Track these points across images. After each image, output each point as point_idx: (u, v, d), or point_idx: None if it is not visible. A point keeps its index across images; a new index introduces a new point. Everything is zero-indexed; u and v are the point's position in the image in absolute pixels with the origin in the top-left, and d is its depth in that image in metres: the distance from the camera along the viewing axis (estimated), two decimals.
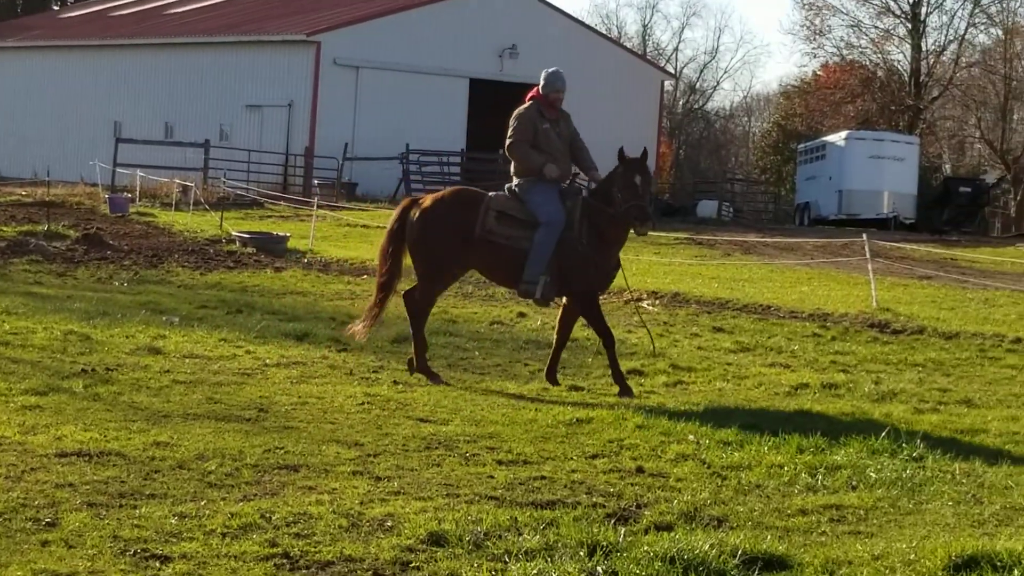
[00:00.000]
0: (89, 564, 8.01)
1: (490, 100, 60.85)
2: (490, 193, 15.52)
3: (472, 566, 8.21)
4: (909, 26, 78.48)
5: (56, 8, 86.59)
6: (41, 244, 29.39)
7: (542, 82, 15.29)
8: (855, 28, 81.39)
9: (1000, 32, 78.72)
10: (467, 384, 15.11)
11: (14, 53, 70.14)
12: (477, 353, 17.35)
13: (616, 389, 14.79)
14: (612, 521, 9.39)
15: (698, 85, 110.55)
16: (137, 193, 45.79)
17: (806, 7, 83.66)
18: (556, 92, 15.31)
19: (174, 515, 9.09)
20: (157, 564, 8.08)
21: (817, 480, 10.89)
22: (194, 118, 58.35)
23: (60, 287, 22.79)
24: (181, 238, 33.96)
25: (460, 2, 61.88)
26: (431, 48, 58.76)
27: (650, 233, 16.75)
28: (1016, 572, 8.21)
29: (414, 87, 58.20)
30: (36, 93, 66.29)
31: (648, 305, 23.31)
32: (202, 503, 9.44)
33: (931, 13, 79.09)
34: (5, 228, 33.02)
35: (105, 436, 11.35)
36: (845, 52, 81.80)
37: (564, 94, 15.44)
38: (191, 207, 41.58)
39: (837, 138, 61.76)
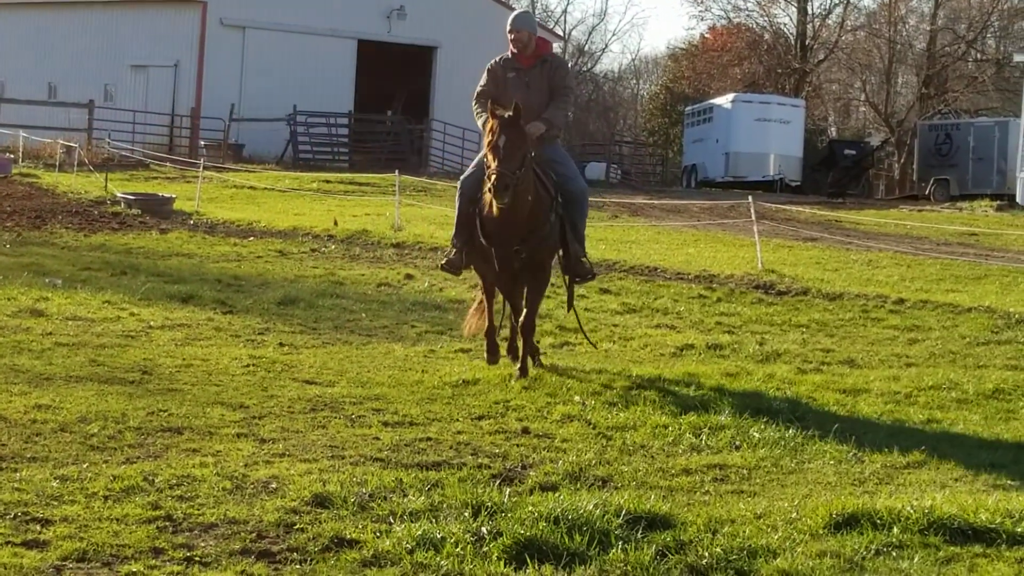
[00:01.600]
0: None
1: (378, 61, 60.72)
2: None
3: (357, 527, 8.20)
4: None
5: None
6: None
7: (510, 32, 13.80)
8: None
9: None
10: (353, 346, 15.08)
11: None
12: (364, 315, 17.32)
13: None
14: (497, 482, 9.42)
15: (587, 48, 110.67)
16: (20, 154, 45.18)
17: None
18: (512, 33, 13.68)
19: (55, 478, 9.02)
20: (38, 527, 8.01)
21: (701, 440, 10.98)
22: (78, 78, 57.63)
23: None
24: (65, 199, 33.58)
25: None
26: (319, 9, 58.37)
27: None
28: (895, 529, 8.33)
29: (301, 48, 57.84)
30: (34, 45, 65.19)
31: None
32: (84, 466, 9.37)
33: None
34: None
35: None
36: (732, 15, 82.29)
37: (524, 35, 13.59)
38: (75, 168, 41.06)
39: (724, 101, 62.13)
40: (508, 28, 13.72)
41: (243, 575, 7.45)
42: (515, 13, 14.00)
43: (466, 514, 8.38)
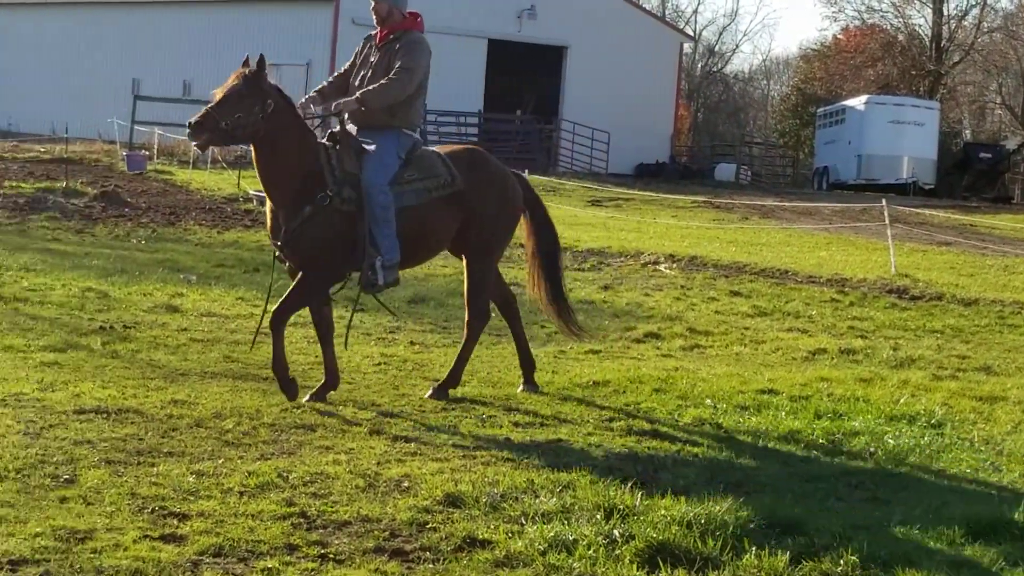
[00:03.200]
0: (107, 521, 8.04)
1: (508, 61, 60.87)
2: None
3: (489, 528, 8.22)
4: None
5: None
6: (59, 201, 29.44)
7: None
8: None
9: None
10: (484, 345, 15.10)
11: (32, 9, 70.13)
12: (494, 315, 17.31)
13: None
14: (629, 484, 9.38)
15: (717, 48, 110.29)
16: (155, 151, 45.79)
17: None
18: (374, 16, 12.35)
19: (192, 473, 9.12)
20: (175, 522, 8.10)
21: (835, 446, 10.89)
22: (212, 76, 57.66)
23: (78, 244, 22.84)
24: (198, 196, 33.97)
25: None
26: (450, 9, 58.51)
27: (668, 196, 16.21)
28: None
29: (432, 47, 57.82)
30: (55, 49, 66.22)
31: (665, 268, 23.29)
32: (220, 461, 9.47)
33: None
34: (23, 185, 33.01)
35: (123, 394, 11.38)
36: (866, 16, 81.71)
37: (382, 7, 12.22)
38: (209, 165, 41.58)
39: (857, 102, 61.66)
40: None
41: (376, 573, 7.49)
42: None
43: (598, 516, 8.37)
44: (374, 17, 12.30)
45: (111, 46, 63.52)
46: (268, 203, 12.00)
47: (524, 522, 8.34)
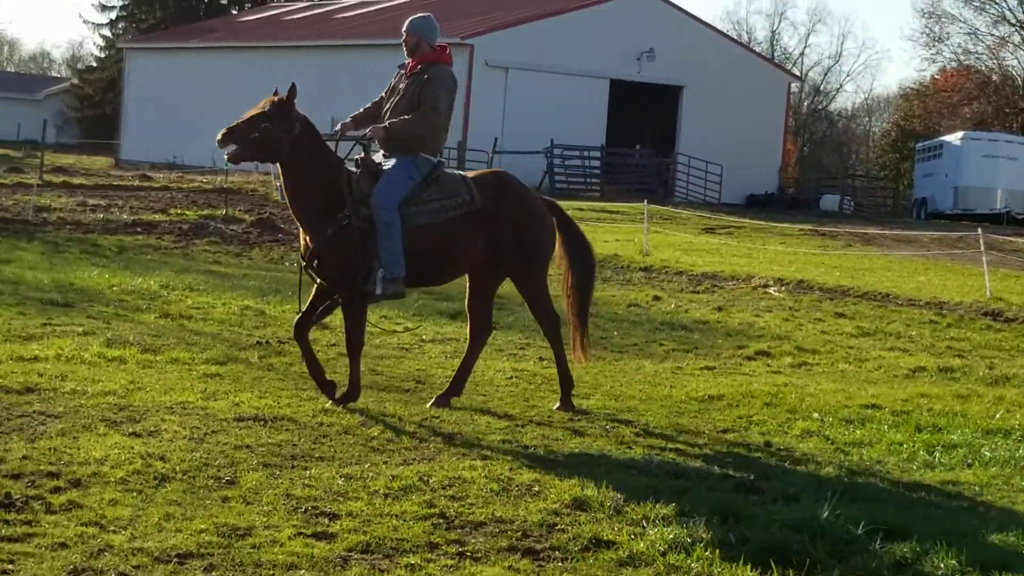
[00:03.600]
0: (265, 519, 8.12)
1: (628, 99, 60.88)
2: None
3: (613, 529, 8.21)
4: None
5: (234, 13, 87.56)
6: (220, 227, 29.79)
7: None
8: (972, 35, 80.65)
9: None
10: (607, 361, 15.09)
11: (197, 53, 71.14)
12: (616, 333, 17.32)
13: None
14: (742, 491, 9.35)
15: (822, 87, 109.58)
16: None
17: (926, 15, 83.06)
18: (404, 39, 12.35)
19: (341, 476, 9.18)
20: (326, 521, 8.17)
21: (934, 457, 10.76)
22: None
23: (237, 266, 23.10)
24: None
25: (601, 9, 61.74)
26: (575, 51, 58.71)
27: (777, 224, 16.08)
28: None
29: (558, 87, 58.20)
30: (216, 90, 66.98)
31: (774, 291, 23.14)
32: (366, 466, 9.52)
33: None
34: (188, 212, 33.43)
35: (278, 403, 11.49)
36: (962, 57, 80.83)
37: (412, 39, 12.24)
38: None
39: (954, 138, 60.97)
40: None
41: (510, 570, 7.51)
42: (410, 18, 12.40)
43: (714, 520, 8.33)
44: (404, 49, 12.29)
45: (265, 87, 63.83)
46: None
47: (645, 525, 8.33)
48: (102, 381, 11.96)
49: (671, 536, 8.00)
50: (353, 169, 11.94)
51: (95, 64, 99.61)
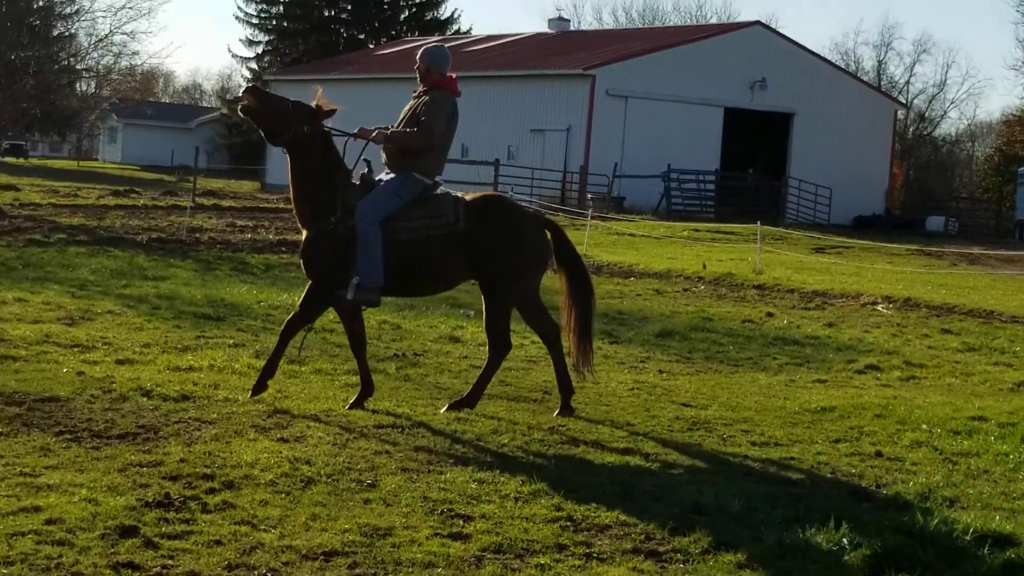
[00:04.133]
0: (404, 520, 8.16)
1: (742, 126, 60.60)
2: None
3: (732, 533, 8.15)
4: None
5: (370, 47, 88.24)
6: None
7: None
8: None
9: None
10: (723, 374, 14.99)
11: (336, 84, 71.63)
12: (731, 347, 17.19)
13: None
14: (855, 498, 9.25)
15: (927, 114, 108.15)
16: None
17: None
18: (417, 67, 12.42)
19: (474, 480, 9.21)
20: (461, 522, 8.19)
21: None
22: (486, 140, 58.91)
23: None
24: None
25: (716, 41, 61.61)
26: (691, 82, 58.56)
27: (884, 244, 15.87)
28: None
29: (675, 115, 58.07)
30: (353, 117, 67.31)
31: (882, 308, 22.85)
32: (497, 471, 9.54)
33: None
34: None
35: (415, 411, 11.55)
36: None
37: (422, 67, 12.27)
38: None
39: None
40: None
41: (635, 571, 7.48)
42: (424, 47, 12.50)
43: (828, 525, 8.23)
44: (417, 75, 12.37)
45: (400, 114, 64.52)
46: None
47: (763, 529, 8.26)
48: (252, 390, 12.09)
49: (787, 541, 7.93)
50: (355, 182, 12.08)
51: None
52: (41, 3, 44.16)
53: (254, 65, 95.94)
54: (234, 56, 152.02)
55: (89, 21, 44.15)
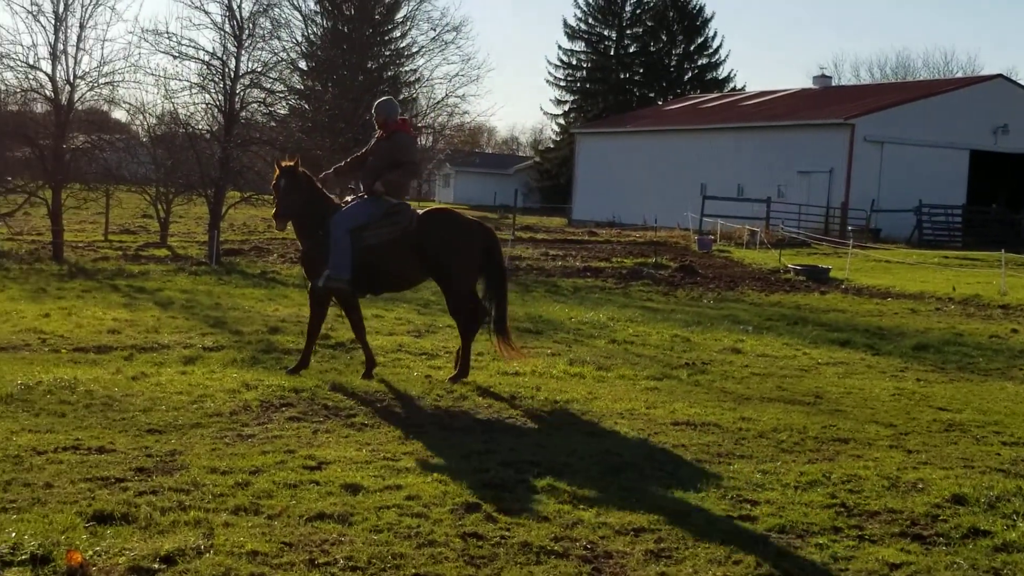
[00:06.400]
0: (699, 503, 8.14)
1: (985, 166, 58.57)
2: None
3: (988, 521, 7.87)
4: None
5: (660, 104, 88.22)
6: (650, 272, 30.02)
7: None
8: None
9: None
10: (974, 382, 14.46)
11: (630, 136, 71.95)
12: (980, 359, 16.56)
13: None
14: None
15: None
16: (717, 235, 46.08)
17: None
18: (376, 119, 13.15)
19: (758, 471, 9.11)
20: (748, 506, 8.12)
21: None
22: (759, 181, 58.30)
23: (665, 303, 23.22)
24: (750, 269, 33.94)
25: (963, 92, 59.54)
26: (939, 127, 56.78)
27: None
28: None
29: (925, 157, 56.37)
30: (646, 163, 67.61)
31: None
32: (778, 463, 9.42)
33: None
34: (625, 260, 33.85)
35: (705, 411, 11.49)
36: None
37: (378, 117, 13.00)
38: (757, 246, 41.53)
39: None
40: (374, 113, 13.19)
41: (903, 551, 7.28)
42: (377, 101, 13.29)
43: None
44: (377, 120, 13.10)
45: (686, 160, 64.31)
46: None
47: (1015, 518, 7.95)
48: (567, 392, 12.23)
49: None
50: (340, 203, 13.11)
51: (552, 145, 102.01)
52: (389, 74, 45.60)
53: (561, 120, 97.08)
54: (545, 113, 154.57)
55: (428, 87, 45.27)
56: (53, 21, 29.35)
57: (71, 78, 29.60)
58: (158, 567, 6.43)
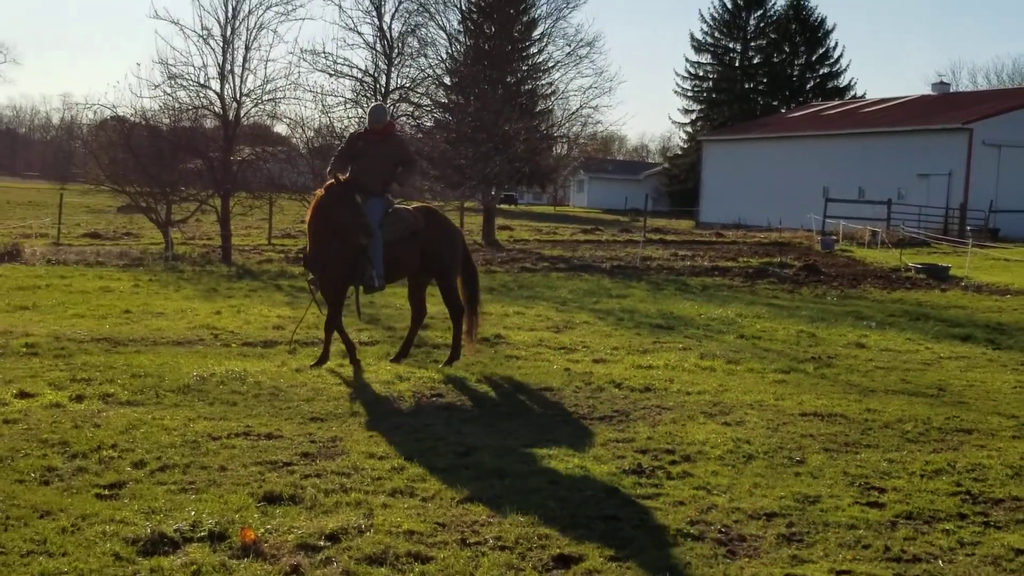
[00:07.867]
0: (828, 490, 8.00)
1: None
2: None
3: None
4: None
5: (782, 112, 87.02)
6: (776, 271, 29.64)
7: (367, 117, 13.21)
8: None
9: None
10: None
11: (755, 142, 71.13)
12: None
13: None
14: None
15: None
16: (840, 236, 45.26)
17: None
18: (372, 123, 12.96)
19: (885, 459, 8.94)
20: (876, 493, 7.96)
21: None
22: (880, 184, 57.17)
23: (790, 300, 22.89)
24: (872, 267, 33.28)
25: None
26: None
27: None
28: None
29: None
30: (769, 168, 66.82)
31: None
32: (904, 452, 9.22)
33: None
34: (751, 260, 33.45)
35: (831, 403, 11.29)
36: None
37: (379, 125, 12.94)
38: (878, 246, 40.69)
39: None
40: (370, 119, 13.08)
41: (1020, 536, 7.10)
42: (371, 109, 13.24)
43: None
44: (375, 125, 13.00)
45: (809, 165, 63.38)
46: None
47: None
48: (698, 384, 12.14)
49: None
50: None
51: (680, 152, 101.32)
52: (527, 87, 45.68)
53: (689, 129, 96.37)
54: (673, 122, 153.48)
55: (563, 99, 45.20)
56: (221, 44, 30.11)
57: (238, 96, 30.35)
58: (324, 544, 6.54)
